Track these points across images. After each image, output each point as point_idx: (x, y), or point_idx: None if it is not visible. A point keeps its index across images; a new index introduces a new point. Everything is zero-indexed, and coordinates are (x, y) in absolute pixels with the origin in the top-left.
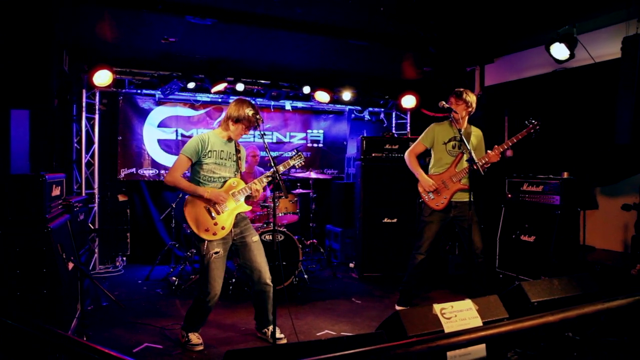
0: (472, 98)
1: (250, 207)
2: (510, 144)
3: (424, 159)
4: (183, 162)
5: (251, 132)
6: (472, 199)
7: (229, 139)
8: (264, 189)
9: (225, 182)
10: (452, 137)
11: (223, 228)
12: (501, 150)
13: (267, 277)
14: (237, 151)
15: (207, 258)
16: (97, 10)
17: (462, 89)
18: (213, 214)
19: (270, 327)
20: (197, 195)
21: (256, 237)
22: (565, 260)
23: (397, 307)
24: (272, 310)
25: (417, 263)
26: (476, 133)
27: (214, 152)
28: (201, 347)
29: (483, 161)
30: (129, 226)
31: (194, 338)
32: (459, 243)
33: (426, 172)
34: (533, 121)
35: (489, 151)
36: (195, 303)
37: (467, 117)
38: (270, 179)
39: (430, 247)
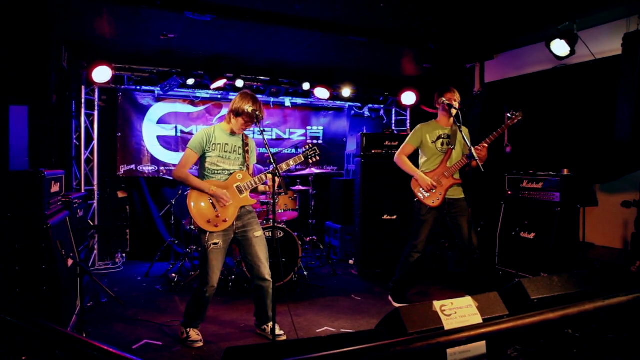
0: (457, 97)
1: (254, 201)
2: (492, 139)
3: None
4: (190, 156)
5: (251, 128)
6: (465, 195)
7: (233, 132)
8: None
9: (230, 174)
10: (440, 135)
11: (225, 221)
12: (486, 145)
13: (267, 272)
14: (246, 144)
15: (206, 248)
16: (96, 6)
17: (448, 87)
18: (216, 207)
19: (270, 324)
20: (202, 190)
21: (259, 232)
22: (565, 257)
23: (396, 305)
24: (272, 307)
25: (414, 261)
26: (464, 131)
27: (217, 145)
28: (200, 344)
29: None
30: (128, 223)
31: (194, 334)
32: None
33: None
34: (515, 113)
35: (475, 146)
36: (194, 294)
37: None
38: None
39: (426, 244)
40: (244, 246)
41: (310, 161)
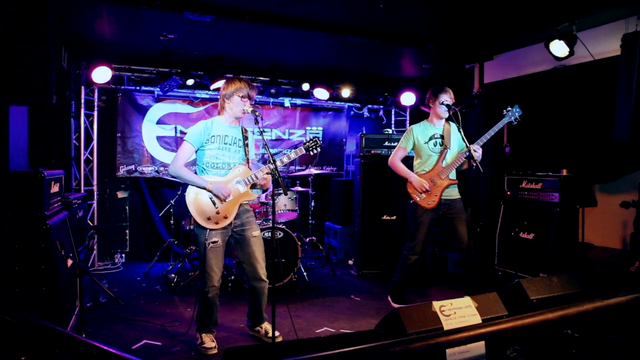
0: (451, 95)
1: (256, 196)
2: (488, 137)
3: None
4: (186, 150)
5: (250, 128)
6: (463, 196)
7: (232, 122)
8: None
9: (230, 169)
10: (433, 135)
11: (226, 217)
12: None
13: (263, 273)
14: (245, 137)
15: (204, 247)
16: (96, 7)
17: (441, 86)
18: (216, 204)
19: (264, 325)
20: (200, 186)
21: (256, 232)
22: (564, 257)
23: (395, 305)
24: (272, 308)
25: (411, 263)
26: (455, 129)
27: (217, 137)
28: (214, 351)
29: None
30: (127, 223)
31: (208, 340)
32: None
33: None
34: (509, 108)
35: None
36: (198, 298)
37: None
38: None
39: (423, 245)
40: (241, 245)
41: (311, 153)
